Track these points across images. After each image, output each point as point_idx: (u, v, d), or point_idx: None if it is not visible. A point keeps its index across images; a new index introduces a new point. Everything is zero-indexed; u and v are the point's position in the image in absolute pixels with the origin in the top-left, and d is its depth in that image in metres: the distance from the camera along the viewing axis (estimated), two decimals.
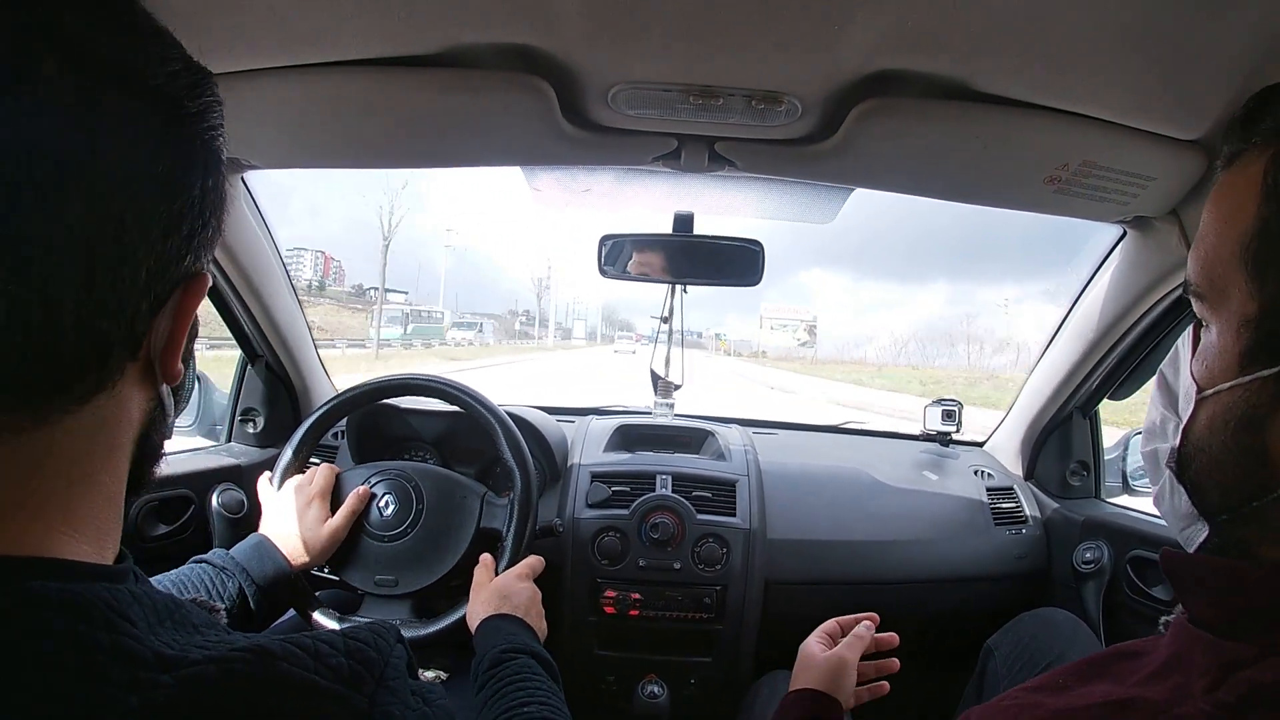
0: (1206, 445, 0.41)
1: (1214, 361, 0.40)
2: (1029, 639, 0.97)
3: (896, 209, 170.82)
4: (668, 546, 1.17)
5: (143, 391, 0.35)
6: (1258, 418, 0.37)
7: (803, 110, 0.81)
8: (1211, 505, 0.41)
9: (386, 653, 0.35)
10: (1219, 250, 0.40)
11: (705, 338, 79.15)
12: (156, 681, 0.27)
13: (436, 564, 0.96)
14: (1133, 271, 1.08)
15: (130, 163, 0.30)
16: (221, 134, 0.36)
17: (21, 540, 0.29)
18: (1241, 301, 0.38)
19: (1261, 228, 0.37)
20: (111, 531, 0.35)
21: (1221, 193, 0.41)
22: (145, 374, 0.34)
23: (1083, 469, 1.38)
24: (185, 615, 0.33)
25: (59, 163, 0.28)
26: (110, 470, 0.34)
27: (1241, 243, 0.38)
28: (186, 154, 0.33)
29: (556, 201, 1.22)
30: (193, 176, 0.33)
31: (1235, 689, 0.34)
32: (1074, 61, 0.69)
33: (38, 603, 0.27)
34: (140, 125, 0.30)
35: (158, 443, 0.39)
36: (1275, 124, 0.38)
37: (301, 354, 1.34)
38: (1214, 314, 0.41)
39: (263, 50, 0.72)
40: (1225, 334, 0.39)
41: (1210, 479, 0.41)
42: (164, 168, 0.32)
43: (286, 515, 0.92)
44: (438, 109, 0.83)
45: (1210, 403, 0.40)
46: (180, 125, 0.33)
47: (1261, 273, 0.37)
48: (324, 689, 0.30)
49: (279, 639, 0.32)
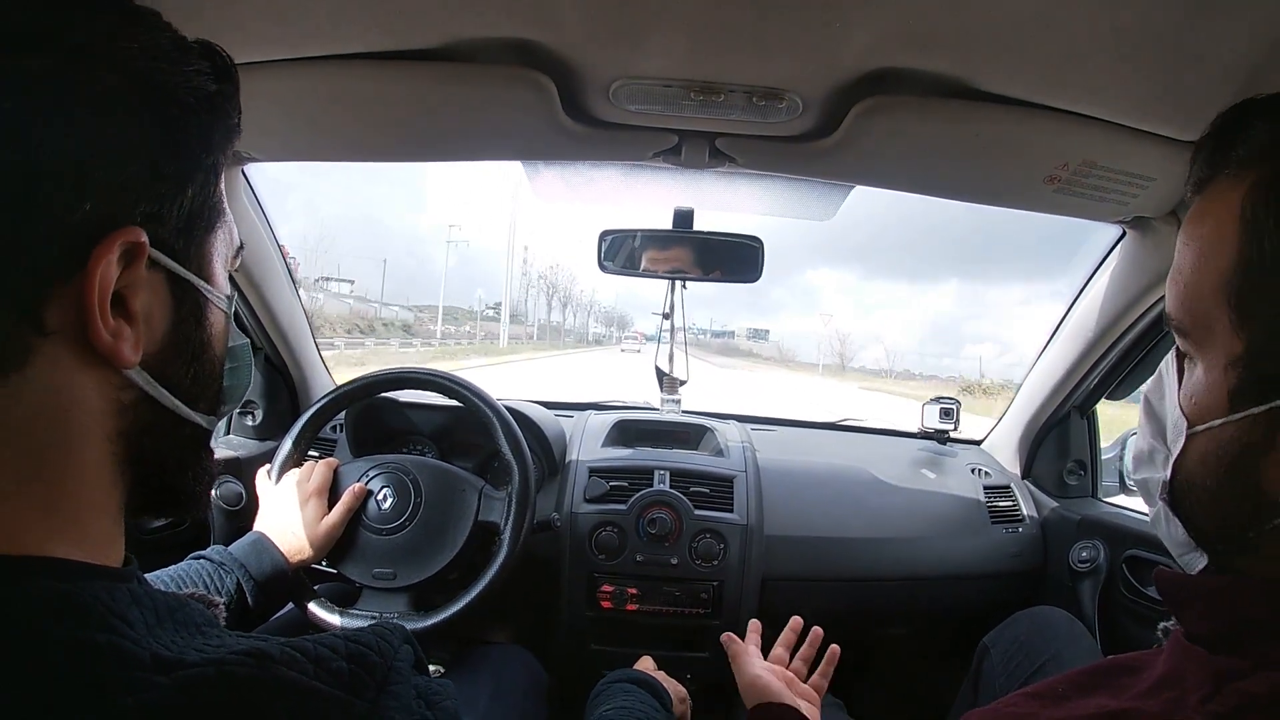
0: (1200, 480, 0.40)
1: (1202, 398, 0.39)
2: (1025, 637, 0.97)
3: (899, 206, 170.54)
4: (665, 542, 1.17)
5: (93, 376, 0.32)
6: (1250, 455, 0.37)
7: (803, 107, 0.81)
8: (1208, 537, 0.41)
9: (390, 655, 0.34)
10: (1199, 286, 0.39)
11: (738, 338, 72.84)
12: (153, 683, 0.27)
13: (434, 557, 0.96)
14: (1132, 272, 1.08)
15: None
16: (160, 64, 0.34)
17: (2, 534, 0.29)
18: (1226, 339, 0.37)
19: (1242, 264, 0.36)
20: (107, 535, 0.34)
21: (1195, 222, 0.40)
22: (87, 356, 0.31)
23: (1080, 468, 1.38)
24: (188, 615, 0.33)
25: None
26: (74, 471, 0.32)
27: (1222, 278, 0.37)
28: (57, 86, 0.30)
29: (557, 196, 1.21)
30: (79, 109, 0.30)
31: (1228, 700, 0.35)
32: (1074, 61, 0.69)
33: (32, 603, 0.27)
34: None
35: (167, 450, 0.37)
36: (1249, 149, 0.37)
37: (300, 347, 1.34)
38: (1198, 350, 0.40)
39: (263, 44, 0.72)
40: (1213, 371, 0.38)
41: (1204, 513, 0.41)
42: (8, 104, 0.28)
43: (284, 510, 0.92)
44: (438, 103, 0.83)
45: (1201, 439, 0.40)
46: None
47: (1245, 310, 0.36)
48: (323, 694, 0.30)
49: (279, 642, 0.31)
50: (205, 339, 0.38)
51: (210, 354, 0.39)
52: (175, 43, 0.35)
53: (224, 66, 0.38)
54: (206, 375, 0.39)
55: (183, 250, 0.36)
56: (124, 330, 0.32)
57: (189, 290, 0.37)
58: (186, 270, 0.36)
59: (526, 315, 58.39)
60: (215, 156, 0.37)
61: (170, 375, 0.36)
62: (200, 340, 0.38)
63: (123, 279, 0.32)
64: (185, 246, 0.36)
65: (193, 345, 0.38)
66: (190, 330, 0.37)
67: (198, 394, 0.38)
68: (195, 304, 0.37)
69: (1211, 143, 0.39)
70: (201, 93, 0.35)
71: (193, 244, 0.36)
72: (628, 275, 1.26)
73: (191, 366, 0.38)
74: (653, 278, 1.28)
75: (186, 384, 0.37)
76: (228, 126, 0.38)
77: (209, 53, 0.37)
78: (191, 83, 0.35)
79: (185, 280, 0.36)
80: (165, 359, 0.36)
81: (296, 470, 0.98)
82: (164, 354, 0.36)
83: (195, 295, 0.37)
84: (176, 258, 0.35)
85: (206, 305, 0.38)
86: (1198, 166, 0.40)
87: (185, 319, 0.37)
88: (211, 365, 0.40)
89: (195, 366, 0.38)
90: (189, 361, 0.37)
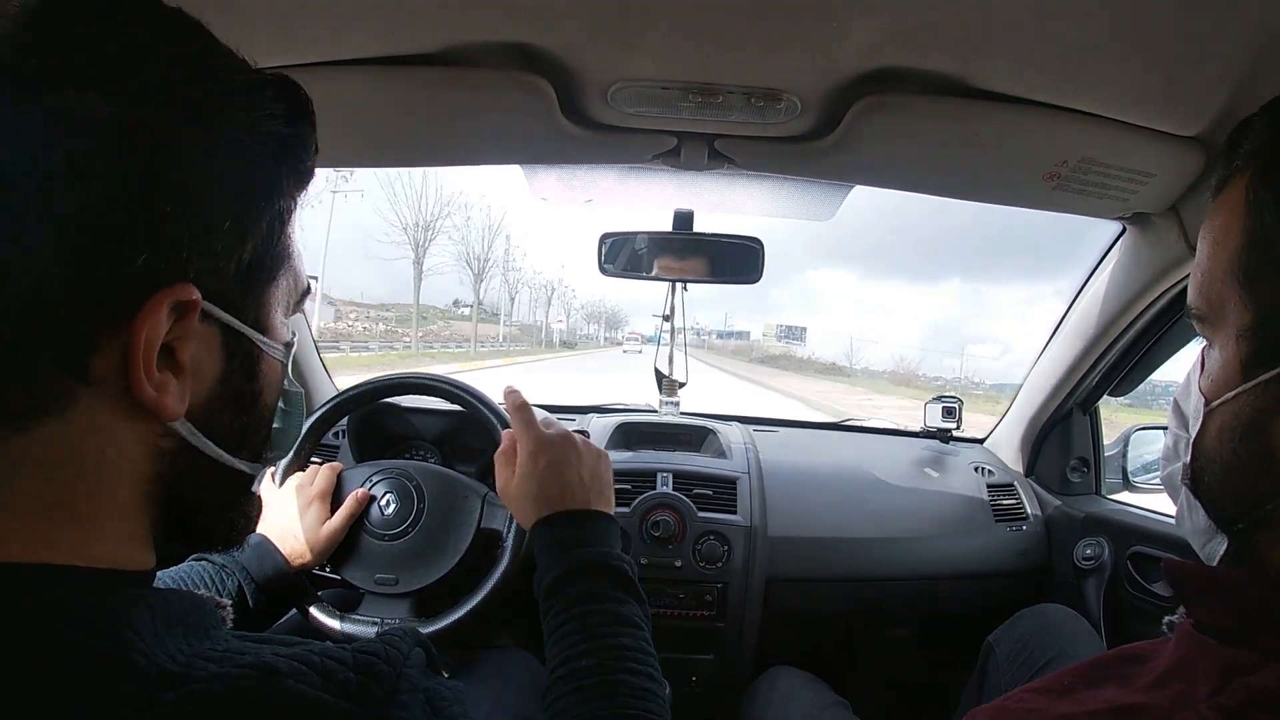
0: (1217, 455, 0.41)
1: (1217, 374, 0.41)
2: (1029, 635, 0.97)
3: (901, 206, 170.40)
4: (668, 544, 1.17)
5: (133, 425, 0.31)
6: (1262, 420, 0.38)
7: (802, 108, 0.81)
8: (1227, 514, 0.42)
9: (400, 663, 0.34)
10: (1213, 271, 0.41)
11: (765, 339, 59.88)
12: (159, 699, 0.27)
13: (437, 563, 0.96)
14: (1132, 268, 1.08)
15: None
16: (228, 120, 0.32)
17: (20, 547, 0.29)
18: (1238, 314, 0.39)
19: (1247, 241, 0.38)
20: (131, 551, 0.33)
21: (1210, 218, 0.43)
22: (130, 405, 0.31)
23: (1083, 465, 1.38)
24: (200, 618, 0.33)
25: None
26: (104, 507, 0.31)
27: (1232, 260, 0.39)
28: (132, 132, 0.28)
29: (556, 199, 1.21)
30: (134, 160, 0.29)
31: (1236, 694, 0.35)
32: (1073, 58, 0.69)
33: (40, 612, 0.27)
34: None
35: (205, 496, 0.36)
36: (1251, 147, 0.40)
37: (302, 353, 1.34)
38: (1214, 332, 0.42)
39: (261, 50, 0.71)
40: (1226, 348, 0.40)
41: (1222, 488, 0.41)
42: (78, 145, 0.27)
43: (287, 515, 0.92)
44: (436, 108, 0.83)
45: (1218, 413, 0.41)
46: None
47: (1252, 282, 0.38)
48: (330, 705, 0.30)
49: (285, 655, 0.31)
50: (257, 389, 0.37)
51: (261, 403, 0.38)
52: (248, 84, 0.34)
53: (299, 106, 0.36)
54: (255, 424, 0.38)
55: (239, 302, 0.34)
56: (170, 383, 0.31)
57: (244, 342, 0.35)
58: (242, 323, 0.34)
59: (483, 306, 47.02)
60: (284, 202, 0.35)
61: (216, 425, 0.35)
62: (251, 391, 0.37)
63: (173, 331, 0.31)
64: (243, 298, 0.34)
65: (243, 396, 0.36)
66: (242, 382, 0.36)
67: (243, 442, 0.37)
68: (249, 355, 0.36)
69: (1224, 153, 0.42)
70: (272, 139, 0.34)
71: (251, 295, 0.35)
72: (629, 278, 1.26)
73: (240, 417, 0.36)
74: (654, 280, 1.28)
75: (233, 433, 0.36)
76: (300, 170, 0.36)
77: (285, 93, 0.35)
78: (261, 128, 0.33)
79: (240, 332, 0.35)
80: (212, 409, 0.35)
81: (299, 474, 0.98)
82: (212, 404, 0.35)
83: (250, 346, 0.36)
84: (232, 310, 0.34)
85: (261, 356, 0.37)
86: (1215, 174, 0.43)
87: (237, 370, 0.35)
88: (261, 414, 0.38)
89: (244, 417, 0.37)
90: (238, 412, 0.36)
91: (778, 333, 67.59)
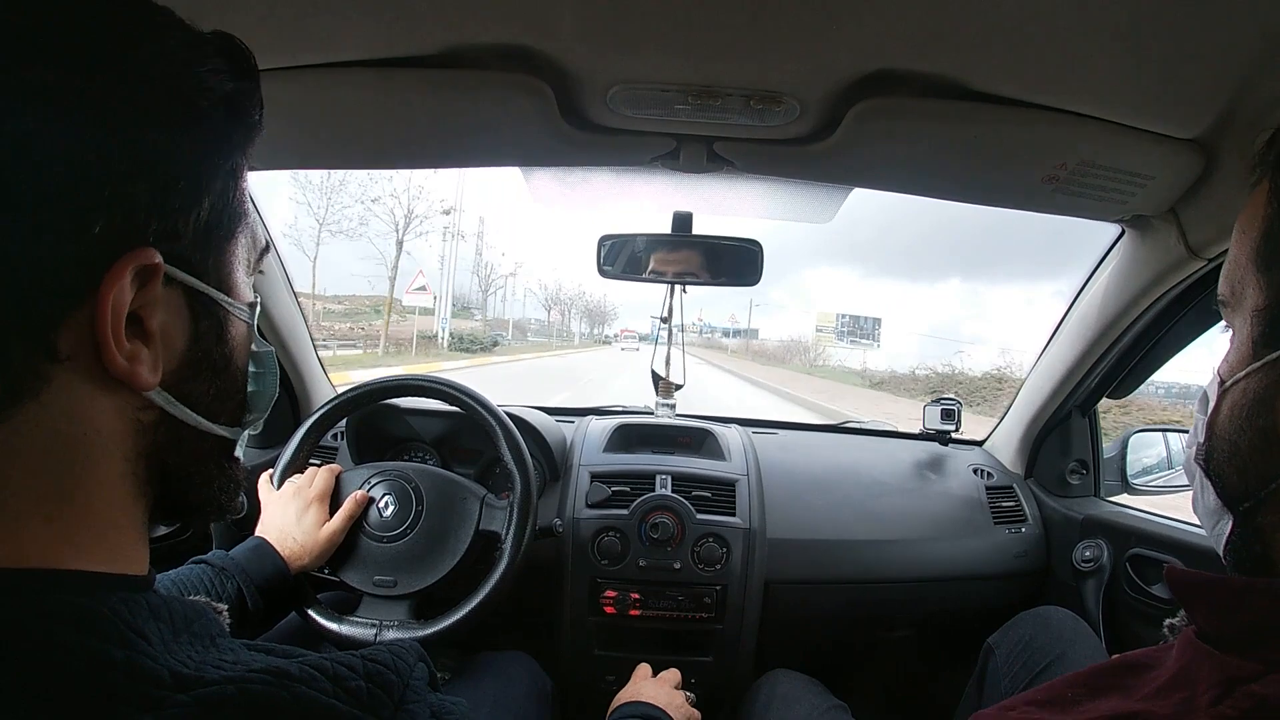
0: (1227, 433, 0.42)
1: (1233, 355, 0.42)
2: (1029, 637, 0.97)
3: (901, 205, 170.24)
4: (667, 546, 1.17)
5: (111, 399, 0.31)
6: (1269, 397, 0.39)
7: (801, 110, 0.81)
8: (1233, 492, 0.42)
9: (406, 674, 0.34)
10: (1237, 259, 0.43)
11: (801, 337, 43.10)
12: (172, 701, 0.27)
13: (435, 565, 0.96)
14: (1132, 270, 1.08)
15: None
16: (182, 80, 0.32)
17: (22, 551, 0.29)
18: (1254, 297, 0.41)
19: (1267, 228, 0.40)
20: (130, 546, 0.33)
21: (1242, 215, 0.44)
22: (104, 379, 0.30)
23: (1082, 467, 1.38)
24: (205, 625, 0.33)
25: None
26: (93, 491, 0.31)
27: (1254, 247, 0.41)
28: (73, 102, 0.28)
29: (555, 201, 1.22)
30: (90, 129, 0.28)
31: (1239, 704, 0.34)
32: (1071, 60, 0.69)
33: (49, 617, 0.27)
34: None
35: (190, 465, 0.36)
36: (1276, 151, 0.42)
37: (301, 354, 1.34)
38: (1235, 316, 0.43)
39: (259, 51, 0.71)
40: (1242, 330, 0.42)
41: (1230, 465, 0.42)
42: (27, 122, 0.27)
43: (285, 517, 0.92)
44: (435, 109, 0.83)
45: (1231, 393, 0.42)
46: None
47: (1270, 266, 0.40)
48: (342, 713, 0.30)
49: (298, 660, 0.31)
50: (227, 352, 0.37)
51: (233, 366, 0.38)
52: (188, 42, 0.33)
53: (242, 61, 0.36)
54: (229, 388, 0.38)
55: (200, 263, 0.34)
56: (141, 352, 0.31)
57: (208, 304, 0.35)
58: (205, 284, 0.34)
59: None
60: (235, 159, 0.35)
61: (191, 392, 0.35)
62: (222, 354, 0.37)
63: (138, 299, 0.30)
64: (203, 259, 0.34)
65: (214, 360, 0.36)
66: (211, 345, 0.36)
67: (220, 408, 0.37)
68: (216, 318, 0.36)
69: (1258, 155, 0.44)
70: (217, 94, 0.34)
71: (211, 255, 0.35)
72: (628, 280, 1.26)
73: (214, 382, 0.36)
74: (652, 282, 1.28)
75: (209, 399, 0.36)
76: (248, 125, 0.36)
77: (225, 48, 0.35)
78: (206, 84, 0.33)
79: (204, 294, 0.35)
80: (186, 376, 0.35)
81: (298, 476, 0.98)
82: (184, 371, 0.34)
83: (215, 309, 0.36)
84: (194, 271, 0.34)
85: (228, 318, 0.37)
86: (1252, 176, 0.45)
87: (205, 334, 0.35)
88: (234, 377, 0.38)
89: (218, 381, 0.37)
90: (211, 377, 0.36)
91: (840, 326, 41.09)
